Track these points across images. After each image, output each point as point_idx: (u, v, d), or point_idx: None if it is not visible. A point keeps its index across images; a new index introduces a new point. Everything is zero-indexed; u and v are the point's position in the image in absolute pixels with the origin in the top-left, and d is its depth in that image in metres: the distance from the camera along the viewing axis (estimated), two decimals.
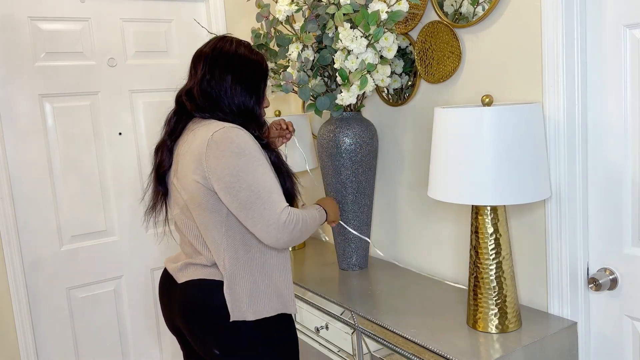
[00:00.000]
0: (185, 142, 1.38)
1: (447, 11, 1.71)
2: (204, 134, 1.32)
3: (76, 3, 2.22)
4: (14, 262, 2.12)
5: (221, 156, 1.27)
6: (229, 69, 1.39)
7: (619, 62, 1.36)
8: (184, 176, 1.36)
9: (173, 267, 1.47)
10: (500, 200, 1.30)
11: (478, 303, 1.45)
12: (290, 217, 1.31)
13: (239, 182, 1.27)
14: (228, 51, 1.41)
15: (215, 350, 1.37)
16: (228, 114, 1.38)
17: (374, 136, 1.96)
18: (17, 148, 2.14)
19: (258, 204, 1.27)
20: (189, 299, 1.40)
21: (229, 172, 1.27)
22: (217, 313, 1.36)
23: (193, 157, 1.32)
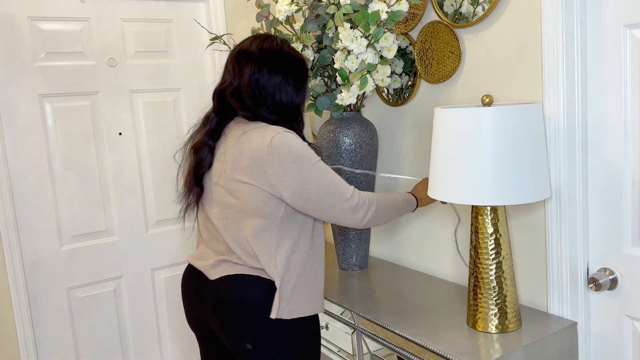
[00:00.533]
0: (236, 145, 1.37)
1: (447, 11, 1.71)
2: (260, 139, 1.33)
3: (76, 3, 2.22)
4: (14, 262, 2.12)
5: (285, 163, 1.32)
6: (279, 69, 1.40)
7: (619, 62, 1.36)
8: (233, 179, 1.36)
9: (204, 264, 1.47)
10: (500, 200, 1.30)
11: (478, 303, 1.45)
12: (361, 198, 1.42)
13: (307, 186, 1.33)
14: (276, 51, 1.42)
15: (248, 345, 1.39)
16: (273, 113, 1.41)
17: (374, 136, 1.96)
18: (17, 148, 2.14)
19: (329, 199, 1.36)
20: (225, 294, 1.40)
21: (297, 178, 1.32)
22: (253, 308, 1.38)
23: (251, 161, 1.33)
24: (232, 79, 1.41)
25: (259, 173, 1.32)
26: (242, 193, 1.35)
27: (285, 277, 1.38)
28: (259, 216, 1.36)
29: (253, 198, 1.35)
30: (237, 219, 1.39)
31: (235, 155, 1.36)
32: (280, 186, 1.32)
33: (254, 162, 1.32)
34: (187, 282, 1.55)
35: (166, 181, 2.47)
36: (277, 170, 1.31)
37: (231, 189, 1.37)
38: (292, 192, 1.33)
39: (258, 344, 1.38)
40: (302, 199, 1.34)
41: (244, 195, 1.35)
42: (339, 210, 1.39)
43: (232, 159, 1.37)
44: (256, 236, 1.38)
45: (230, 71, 1.42)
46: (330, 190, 1.36)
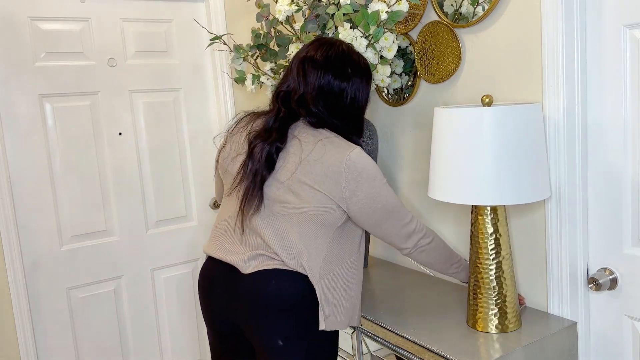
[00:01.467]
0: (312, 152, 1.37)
1: (447, 11, 1.71)
2: (338, 152, 1.36)
3: (76, 3, 2.22)
4: (14, 262, 2.12)
5: (359, 180, 1.35)
6: (344, 75, 1.42)
7: (619, 62, 1.36)
8: (302, 182, 1.36)
9: (237, 259, 1.43)
10: (500, 200, 1.30)
11: (478, 303, 1.45)
12: (419, 225, 1.47)
13: (374, 204, 1.38)
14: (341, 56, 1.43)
15: (279, 341, 1.38)
16: (338, 119, 1.43)
17: (374, 136, 1.96)
18: (17, 148, 2.14)
19: (390, 221, 1.42)
20: (261, 288, 1.38)
21: (366, 195, 1.37)
22: (290, 303, 1.38)
23: (326, 172, 1.35)
24: (297, 86, 1.42)
25: (332, 184, 1.35)
26: (308, 197, 1.37)
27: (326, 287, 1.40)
28: (316, 222, 1.38)
29: (317, 204, 1.36)
30: (292, 220, 1.39)
31: (309, 162, 1.36)
32: (350, 200, 1.36)
33: (330, 173, 1.35)
34: (211, 277, 1.49)
35: (166, 181, 2.47)
36: (351, 185, 1.35)
37: (296, 191, 1.37)
38: (360, 206, 1.37)
39: (289, 341, 1.38)
40: (367, 214, 1.39)
41: (309, 200, 1.37)
42: (396, 231, 1.44)
43: (306, 164, 1.36)
44: (307, 241, 1.39)
45: (295, 77, 1.43)
46: (393, 211, 1.42)
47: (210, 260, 1.52)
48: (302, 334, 1.39)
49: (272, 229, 1.40)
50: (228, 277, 1.45)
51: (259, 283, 1.39)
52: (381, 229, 1.43)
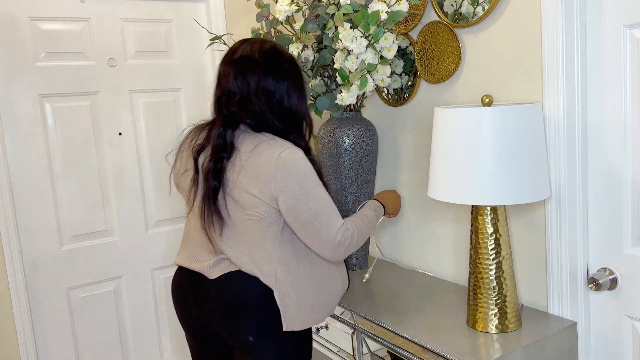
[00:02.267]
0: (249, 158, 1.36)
1: (447, 11, 1.71)
2: (269, 153, 1.34)
3: (76, 3, 2.22)
4: (14, 262, 2.12)
5: (288, 179, 1.33)
6: (285, 74, 1.40)
7: (619, 62, 1.36)
8: (240, 188, 1.36)
9: (202, 266, 1.47)
10: (500, 200, 1.30)
11: (478, 303, 1.45)
12: (345, 234, 1.41)
13: (300, 205, 1.34)
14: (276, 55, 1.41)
15: (250, 337, 1.41)
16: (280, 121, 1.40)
17: (374, 136, 1.96)
18: (17, 148, 2.14)
19: (316, 225, 1.36)
20: (228, 292, 1.42)
21: (293, 195, 1.34)
22: (256, 303, 1.40)
23: (258, 174, 1.34)
24: (236, 88, 1.38)
25: (264, 185, 1.33)
26: (246, 203, 1.36)
27: (287, 286, 1.40)
28: (262, 226, 1.38)
29: (256, 209, 1.36)
30: (240, 228, 1.40)
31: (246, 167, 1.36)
32: (278, 199, 1.34)
33: (261, 175, 1.33)
34: (181, 285, 1.55)
35: (166, 181, 2.47)
36: (280, 185, 1.33)
37: (238, 199, 1.37)
38: (286, 206, 1.35)
39: (260, 336, 1.41)
40: (293, 215, 1.35)
41: (249, 206, 1.36)
42: (321, 239, 1.38)
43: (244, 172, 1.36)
44: (257, 246, 1.40)
45: (231, 80, 1.38)
46: (321, 217, 1.37)
47: (180, 270, 1.56)
48: (269, 333, 1.41)
49: (226, 239, 1.42)
50: (197, 284, 1.48)
51: (223, 286, 1.42)
52: (306, 234, 1.38)
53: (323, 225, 1.37)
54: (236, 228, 1.40)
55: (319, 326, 1.87)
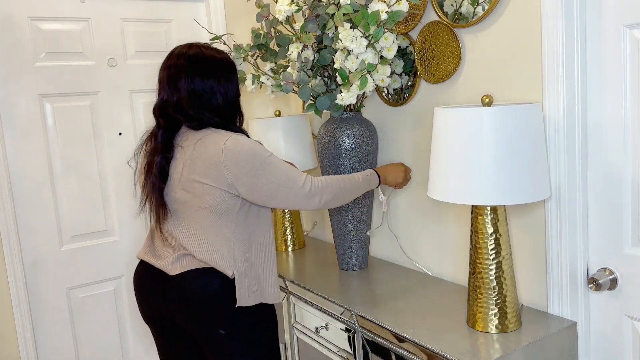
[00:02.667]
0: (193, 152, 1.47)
1: (447, 11, 1.71)
2: (214, 143, 1.45)
3: (76, 3, 2.22)
4: (14, 262, 2.12)
5: (239, 162, 1.43)
6: (209, 73, 1.50)
7: (619, 62, 1.36)
8: (191, 180, 1.46)
9: (162, 263, 1.54)
10: (500, 200, 1.30)
11: (478, 303, 1.45)
12: (314, 184, 1.54)
13: (259, 181, 1.46)
14: (201, 57, 1.51)
15: (220, 330, 1.49)
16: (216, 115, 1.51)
17: (374, 136, 1.96)
18: (17, 148, 2.14)
19: (282, 189, 1.49)
20: (190, 288, 1.49)
21: (250, 174, 1.44)
22: (220, 297, 1.48)
23: (207, 164, 1.44)
24: (170, 95, 1.49)
25: (216, 174, 1.43)
26: (200, 192, 1.45)
27: (245, 267, 1.50)
28: (214, 213, 1.47)
29: (210, 196, 1.45)
30: (194, 217, 1.49)
31: (192, 160, 1.46)
32: (236, 184, 1.44)
33: (211, 164, 1.43)
34: (143, 280, 1.61)
35: None
36: (233, 170, 1.43)
37: (189, 190, 1.47)
38: (246, 187, 1.45)
39: (229, 328, 1.49)
40: (256, 193, 1.46)
41: (202, 195, 1.45)
42: (293, 197, 1.50)
43: (189, 164, 1.46)
44: (212, 232, 1.48)
45: (165, 87, 1.50)
46: (282, 181, 1.48)
47: (141, 264, 1.63)
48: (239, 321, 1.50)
49: (181, 229, 1.51)
50: (158, 280, 1.55)
51: (185, 283, 1.49)
52: (277, 201, 1.49)
53: (288, 185, 1.49)
54: (191, 218, 1.49)
55: (318, 326, 1.87)
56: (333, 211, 2.02)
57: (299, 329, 2.03)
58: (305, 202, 1.53)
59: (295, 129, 2.29)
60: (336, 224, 2.03)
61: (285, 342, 2.13)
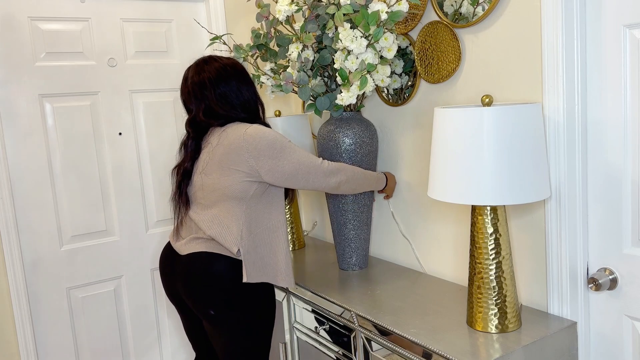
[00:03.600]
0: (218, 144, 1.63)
1: (447, 11, 1.71)
2: (235, 132, 1.60)
3: (76, 3, 2.22)
4: (14, 262, 2.12)
5: (260, 147, 1.58)
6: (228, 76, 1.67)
7: (619, 62, 1.36)
8: (212, 166, 1.62)
9: (178, 244, 1.72)
10: (500, 200, 1.30)
11: (478, 303, 1.45)
12: (331, 164, 1.69)
13: (281, 161, 1.60)
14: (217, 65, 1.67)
15: (211, 311, 1.64)
16: (242, 112, 1.68)
17: (373, 136, 1.96)
18: (17, 148, 2.14)
19: (303, 169, 1.63)
20: (192, 268, 1.65)
21: (271, 156, 1.59)
22: (216, 280, 1.62)
23: (228, 151, 1.59)
24: (198, 104, 1.66)
25: (236, 158, 1.58)
26: (218, 175, 1.61)
27: (250, 246, 1.64)
28: (230, 195, 1.61)
29: (227, 179, 1.60)
30: (211, 198, 1.64)
31: (214, 149, 1.62)
32: (257, 166, 1.58)
33: (232, 149, 1.58)
34: (164, 259, 1.79)
35: (166, 181, 2.47)
36: (254, 153, 1.58)
37: (209, 174, 1.63)
38: (268, 168, 1.59)
39: (219, 310, 1.63)
40: (278, 172, 1.60)
41: (219, 177, 1.61)
42: (313, 176, 1.65)
43: (212, 153, 1.63)
44: (227, 212, 1.63)
45: (193, 101, 1.67)
46: (302, 161, 1.63)
47: (167, 245, 1.82)
48: (228, 306, 1.63)
49: (198, 210, 1.68)
50: (172, 259, 1.74)
51: (190, 263, 1.65)
52: (299, 181, 1.64)
53: (308, 164, 1.64)
54: (208, 199, 1.65)
55: (318, 326, 1.87)
56: (333, 211, 2.02)
57: (299, 329, 2.03)
58: (324, 180, 1.67)
59: (295, 129, 2.29)
60: (336, 224, 2.03)
61: (285, 342, 2.13)
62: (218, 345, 1.71)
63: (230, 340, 1.68)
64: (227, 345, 1.68)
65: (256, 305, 1.68)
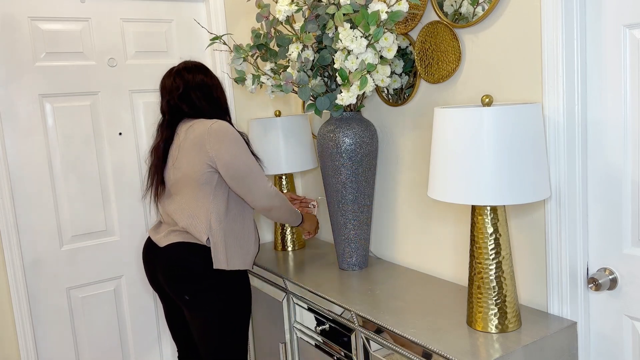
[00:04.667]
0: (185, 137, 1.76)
1: (447, 11, 1.71)
2: (202, 126, 1.73)
3: (76, 3, 2.22)
4: (14, 262, 2.12)
5: (222, 140, 1.71)
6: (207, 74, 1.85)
7: (619, 62, 1.36)
8: (180, 159, 1.76)
9: (157, 237, 1.85)
10: (500, 200, 1.30)
11: (478, 303, 1.45)
12: (274, 189, 1.83)
13: (236, 160, 1.72)
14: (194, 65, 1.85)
15: (186, 296, 1.78)
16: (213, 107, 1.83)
17: (373, 136, 1.96)
18: (17, 148, 2.14)
19: (252, 176, 1.75)
20: (170, 258, 1.79)
21: (230, 152, 1.71)
22: (190, 269, 1.76)
23: (194, 143, 1.72)
24: (176, 85, 1.80)
25: (200, 149, 1.71)
26: (185, 167, 1.74)
27: (219, 234, 1.75)
28: (198, 186, 1.74)
29: (192, 169, 1.72)
30: (183, 192, 1.78)
31: (183, 142, 1.76)
32: (216, 158, 1.71)
33: (197, 142, 1.72)
34: (146, 251, 1.91)
35: None
36: (215, 145, 1.70)
37: (178, 167, 1.76)
38: (224, 162, 1.71)
39: (194, 295, 1.77)
40: (232, 169, 1.72)
41: (187, 169, 1.74)
42: (256, 188, 1.77)
43: (181, 146, 1.76)
44: (196, 201, 1.76)
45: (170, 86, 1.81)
46: (254, 170, 1.76)
47: (148, 239, 1.94)
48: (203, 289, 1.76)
49: (173, 204, 1.82)
50: (153, 251, 1.87)
51: (168, 254, 1.79)
52: (245, 184, 1.75)
53: (258, 177, 1.77)
54: (180, 194, 1.79)
55: (318, 326, 1.87)
56: (333, 211, 2.02)
57: (299, 328, 2.03)
58: (264, 196, 1.79)
59: (295, 129, 2.29)
60: (336, 224, 2.03)
61: (285, 342, 2.13)
62: (196, 332, 1.82)
63: (206, 325, 1.79)
64: (203, 331, 1.80)
65: (230, 290, 1.79)
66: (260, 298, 2.29)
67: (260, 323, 2.34)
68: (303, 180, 2.73)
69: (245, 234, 1.83)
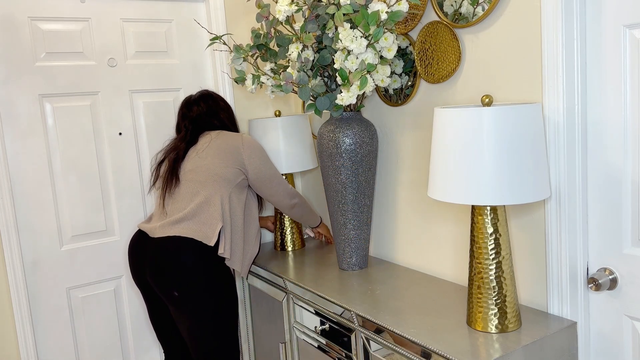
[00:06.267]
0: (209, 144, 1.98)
1: (447, 11, 1.71)
2: (233, 136, 2.01)
3: (76, 3, 2.22)
4: (14, 262, 2.12)
5: (254, 151, 2.00)
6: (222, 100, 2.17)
7: (619, 62, 1.36)
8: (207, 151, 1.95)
9: (149, 227, 1.92)
10: (500, 200, 1.30)
11: (478, 303, 1.45)
12: (293, 190, 2.12)
13: (265, 168, 2.01)
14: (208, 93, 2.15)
15: (175, 292, 1.80)
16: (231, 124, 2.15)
17: (373, 136, 1.96)
18: (17, 148, 2.14)
19: (276, 180, 2.05)
20: (163, 251, 1.81)
21: (260, 161, 2.01)
22: (181, 262, 1.79)
23: (227, 147, 1.96)
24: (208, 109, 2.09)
25: (235, 153, 1.95)
26: (211, 157, 1.92)
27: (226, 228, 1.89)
28: (221, 174, 1.90)
29: (220, 163, 1.92)
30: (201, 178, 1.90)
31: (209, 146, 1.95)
32: (248, 165, 1.97)
33: (230, 148, 1.96)
34: (135, 243, 1.96)
35: None
36: (248, 153, 1.98)
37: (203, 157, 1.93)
38: (254, 168, 1.98)
39: (183, 291, 1.80)
40: (261, 174, 2.00)
41: (213, 158, 1.92)
42: (281, 191, 2.08)
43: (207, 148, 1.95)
44: (214, 192, 1.89)
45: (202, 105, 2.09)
46: (277, 175, 2.06)
47: (137, 232, 2.00)
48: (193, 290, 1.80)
49: (185, 191, 1.92)
50: (141, 242, 1.91)
51: (161, 246, 1.82)
52: (271, 186, 2.04)
53: (281, 180, 2.07)
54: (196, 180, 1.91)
55: (318, 326, 1.87)
56: (333, 211, 2.02)
57: (299, 328, 2.03)
58: (286, 197, 2.10)
59: (295, 129, 2.29)
60: (336, 224, 2.03)
61: (285, 342, 2.13)
62: (184, 329, 1.85)
63: (195, 323, 1.83)
64: (192, 329, 1.83)
65: (219, 288, 1.87)
66: (260, 298, 2.29)
67: (260, 323, 2.34)
68: (303, 180, 2.73)
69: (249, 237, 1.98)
